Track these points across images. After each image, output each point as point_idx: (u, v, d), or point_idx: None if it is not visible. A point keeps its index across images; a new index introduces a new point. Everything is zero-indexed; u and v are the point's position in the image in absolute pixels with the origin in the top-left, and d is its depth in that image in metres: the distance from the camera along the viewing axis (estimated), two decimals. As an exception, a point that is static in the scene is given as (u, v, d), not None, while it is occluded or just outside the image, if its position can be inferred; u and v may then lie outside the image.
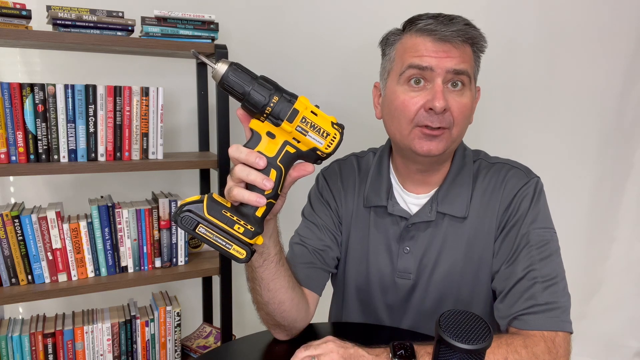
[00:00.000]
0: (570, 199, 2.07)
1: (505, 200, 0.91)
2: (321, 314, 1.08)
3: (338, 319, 1.09)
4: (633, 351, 2.17)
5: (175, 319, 1.45)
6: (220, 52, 1.35)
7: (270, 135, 0.66)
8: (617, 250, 2.15)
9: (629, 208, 2.12)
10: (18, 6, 1.19)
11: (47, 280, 1.31)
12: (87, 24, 1.25)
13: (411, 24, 0.89)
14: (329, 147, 0.66)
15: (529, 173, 0.93)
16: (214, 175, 1.62)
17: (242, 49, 1.63)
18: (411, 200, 0.97)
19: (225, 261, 1.45)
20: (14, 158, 1.23)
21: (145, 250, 1.40)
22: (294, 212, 1.15)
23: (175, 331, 1.46)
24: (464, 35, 0.85)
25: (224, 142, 1.40)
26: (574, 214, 2.07)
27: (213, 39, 1.40)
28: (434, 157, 0.89)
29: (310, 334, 0.95)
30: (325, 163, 1.07)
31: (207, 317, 1.71)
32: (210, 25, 1.38)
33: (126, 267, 1.39)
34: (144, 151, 1.37)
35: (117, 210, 1.35)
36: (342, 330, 1.02)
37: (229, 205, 0.66)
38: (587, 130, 2.04)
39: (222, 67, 0.64)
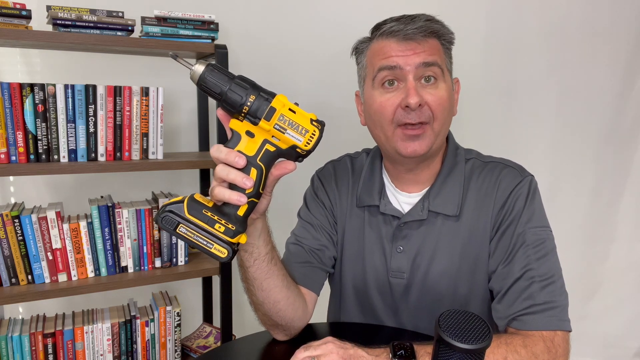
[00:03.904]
0: (570, 199, 2.07)
1: (499, 199, 0.91)
2: (321, 315, 1.08)
3: (336, 319, 1.09)
4: (633, 351, 2.17)
5: (175, 319, 1.46)
6: (220, 52, 1.36)
7: (250, 134, 0.66)
8: (617, 250, 2.15)
9: (628, 208, 2.12)
10: (18, 6, 1.19)
11: (47, 280, 1.31)
12: (87, 24, 1.25)
13: (377, 29, 0.91)
14: (309, 144, 0.67)
15: (522, 171, 0.93)
16: (214, 175, 1.62)
17: (242, 49, 1.63)
18: (403, 199, 0.97)
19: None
20: (14, 158, 1.23)
21: (145, 250, 1.40)
22: (290, 213, 1.15)
23: (175, 331, 1.46)
24: (427, 30, 0.86)
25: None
26: (573, 214, 2.07)
27: (213, 39, 1.40)
28: (420, 157, 0.89)
29: (310, 334, 0.95)
30: (317, 161, 1.08)
31: (207, 317, 1.71)
32: (210, 25, 1.38)
33: (126, 267, 1.39)
34: (144, 151, 1.37)
35: (117, 210, 1.35)
36: (342, 330, 1.02)
37: (210, 205, 0.67)
38: (587, 130, 2.04)
39: (199, 68, 0.64)
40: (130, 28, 1.30)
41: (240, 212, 0.67)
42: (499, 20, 1.89)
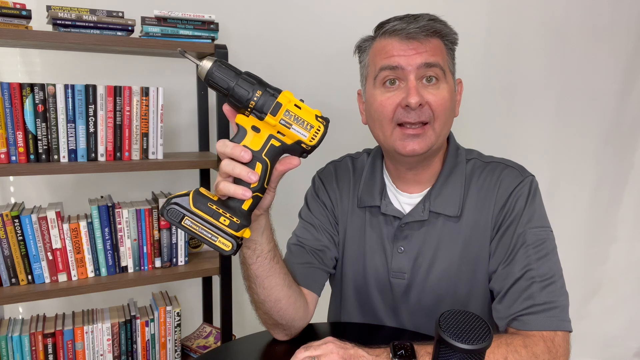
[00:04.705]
0: (570, 199, 2.07)
1: (500, 199, 0.91)
2: (321, 315, 1.08)
3: (337, 319, 1.09)
4: (633, 351, 2.17)
5: (175, 319, 1.45)
6: (220, 52, 1.35)
7: (255, 129, 0.67)
8: (617, 250, 2.15)
9: (628, 208, 2.12)
10: (18, 6, 1.19)
11: (47, 280, 1.31)
12: (87, 24, 1.25)
13: (380, 28, 0.91)
14: (314, 139, 0.67)
15: (523, 172, 0.93)
16: (214, 175, 1.62)
17: (242, 49, 1.63)
18: (404, 199, 0.97)
19: (225, 261, 1.45)
20: (14, 158, 1.23)
21: (145, 250, 1.40)
22: (291, 214, 1.15)
23: (175, 331, 1.46)
24: (430, 30, 0.86)
25: (224, 142, 1.40)
26: (574, 214, 2.07)
27: (213, 39, 1.40)
28: (419, 156, 0.89)
29: (310, 334, 0.95)
30: (318, 161, 1.08)
31: (207, 317, 1.71)
32: (210, 25, 1.38)
33: (126, 267, 1.39)
34: (144, 151, 1.37)
35: (117, 210, 1.35)
36: (342, 330, 1.02)
37: (215, 198, 0.68)
38: (587, 130, 2.04)
39: (206, 64, 0.66)
40: (130, 28, 1.30)
41: (245, 206, 0.67)
42: (499, 21, 1.89)
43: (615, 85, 2.01)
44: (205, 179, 1.63)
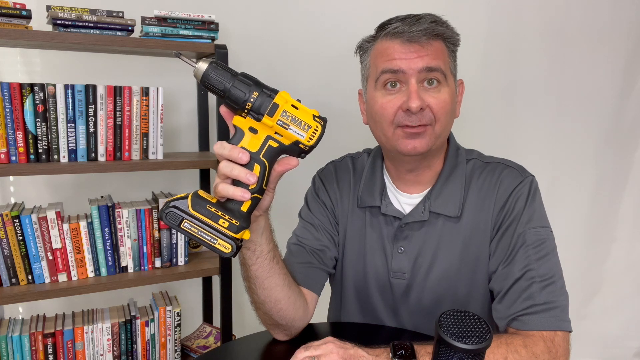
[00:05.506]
0: (571, 200, 2.07)
1: (500, 200, 0.91)
2: (321, 315, 1.08)
3: (337, 319, 1.09)
4: (633, 351, 2.17)
5: (175, 319, 1.46)
6: (220, 52, 1.35)
7: (253, 130, 0.67)
8: (617, 250, 2.15)
9: (628, 208, 2.12)
10: (18, 6, 1.19)
11: (47, 280, 1.31)
12: (87, 24, 1.25)
13: (382, 29, 0.90)
14: (311, 139, 0.67)
15: (523, 172, 0.93)
16: (214, 175, 1.62)
17: (242, 49, 1.63)
18: (405, 200, 0.97)
19: (225, 261, 1.45)
20: (14, 158, 1.23)
21: (145, 250, 1.40)
22: (291, 214, 1.15)
23: (175, 331, 1.46)
24: (431, 33, 0.86)
25: (224, 142, 1.40)
26: (574, 215, 2.07)
27: (213, 39, 1.40)
28: (420, 155, 0.89)
29: (310, 334, 0.95)
30: (318, 161, 1.08)
31: (207, 317, 1.71)
32: (210, 25, 1.38)
33: (126, 267, 1.39)
34: (144, 151, 1.37)
35: (117, 210, 1.35)
36: (342, 330, 1.02)
37: (214, 201, 0.68)
38: (587, 130, 2.04)
39: (202, 66, 0.65)
40: (130, 28, 1.30)
41: (244, 208, 0.67)
42: (499, 21, 1.89)
43: (615, 85, 2.01)
44: (205, 179, 1.63)
